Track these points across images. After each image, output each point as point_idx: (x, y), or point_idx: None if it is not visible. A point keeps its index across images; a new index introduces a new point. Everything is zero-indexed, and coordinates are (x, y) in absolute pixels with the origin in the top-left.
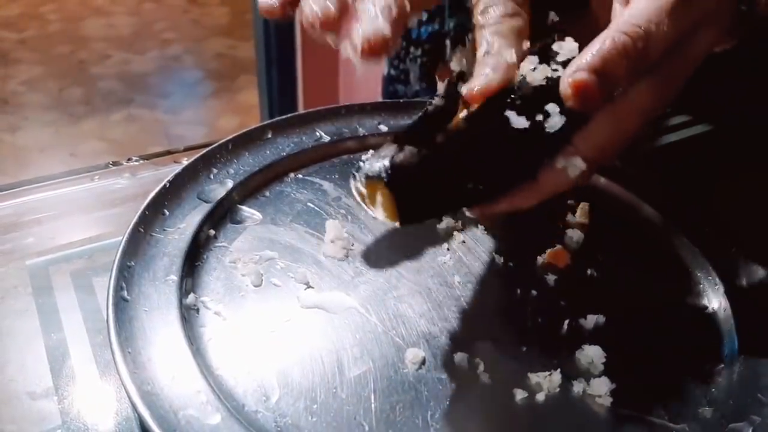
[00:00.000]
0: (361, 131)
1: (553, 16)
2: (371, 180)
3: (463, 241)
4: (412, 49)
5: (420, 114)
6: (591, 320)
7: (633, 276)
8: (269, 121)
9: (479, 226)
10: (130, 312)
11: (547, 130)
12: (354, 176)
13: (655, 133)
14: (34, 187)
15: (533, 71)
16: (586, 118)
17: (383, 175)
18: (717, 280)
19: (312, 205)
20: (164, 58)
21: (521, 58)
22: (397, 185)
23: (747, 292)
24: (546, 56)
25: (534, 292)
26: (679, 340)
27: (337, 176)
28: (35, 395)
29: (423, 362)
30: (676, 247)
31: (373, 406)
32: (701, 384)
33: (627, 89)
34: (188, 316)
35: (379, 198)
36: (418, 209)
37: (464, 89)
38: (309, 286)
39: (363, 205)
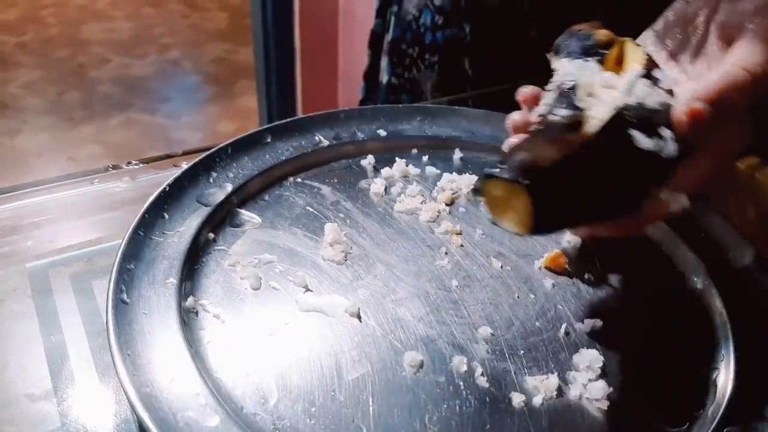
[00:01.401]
0: (360, 136)
1: None
2: (512, 184)
3: (461, 245)
4: (427, 56)
5: (541, 124)
6: (588, 324)
7: (630, 280)
8: (268, 126)
9: (477, 229)
10: (129, 315)
11: (663, 155)
12: (487, 176)
13: None
14: (34, 191)
15: (648, 95)
16: (688, 154)
17: (526, 180)
18: (713, 284)
19: (311, 209)
20: (163, 62)
21: None
22: (537, 191)
23: (744, 296)
24: (651, 81)
25: (532, 296)
26: (675, 344)
27: (335, 180)
28: (34, 397)
29: (421, 365)
30: (673, 252)
31: (371, 409)
32: (698, 387)
33: (728, 127)
34: (187, 319)
35: (513, 204)
36: (551, 218)
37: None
38: (308, 290)
39: (488, 210)
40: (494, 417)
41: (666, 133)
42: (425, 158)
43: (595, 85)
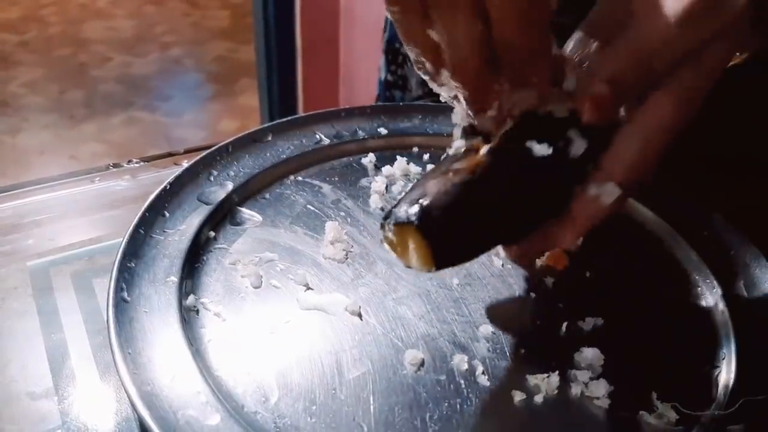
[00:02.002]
0: (361, 134)
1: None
2: (400, 226)
3: None
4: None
5: (444, 155)
6: (589, 322)
7: (631, 279)
8: (269, 124)
9: None
10: (130, 313)
11: (571, 156)
12: (383, 225)
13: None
14: (35, 189)
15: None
16: (609, 141)
17: (413, 219)
18: (715, 282)
19: (312, 207)
20: (165, 60)
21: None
22: (428, 229)
23: (745, 295)
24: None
25: (533, 295)
26: (677, 343)
27: (336, 179)
28: (35, 395)
29: (422, 364)
30: (674, 250)
31: (372, 407)
32: (699, 386)
33: (648, 104)
34: (188, 317)
35: (411, 245)
36: (452, 251)
37: None
38: (308, 288)
39: (394, 254)
40: (495, 415)
41: (573, 133)
42: (426, 156)
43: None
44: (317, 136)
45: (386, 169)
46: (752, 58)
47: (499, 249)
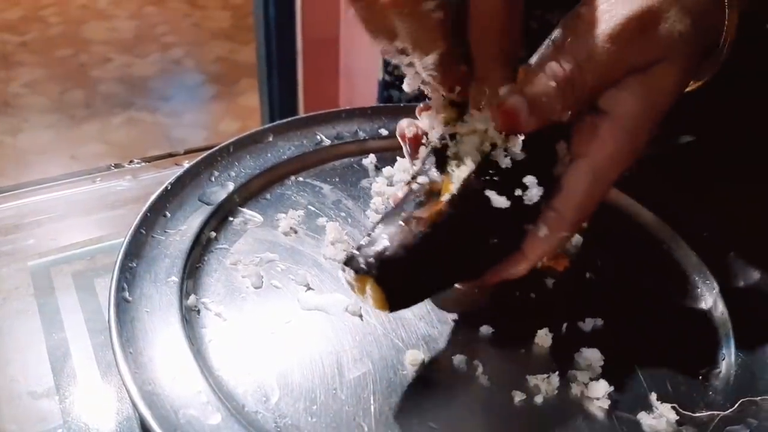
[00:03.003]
0: (362, 135)
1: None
2: (360, 276)
3: None
4: None
5: (405, 194)
6: (589, 323)
7: (631, 279)
8: (270, 125)
9: None
10: (131, 313)
11: (525, 202)
12: (344, 268)
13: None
14: (37, 189)
15: (515, 146)
16: (560, 178)
17: (373, 272)
18: (714, 283)
19: (312, 208)
20: (165, 61)
21: None
22: (386, 281)
23: (744, 296)
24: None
25: (533, 295)
26: (676, 344)
27: (337, 179)
28: (36, 395)
29: (422, 364)
30: (673, 251)
31: (372, 407)
32: (699, 387)
33: (595, 139)
34: (189, 317)
35: (368, 290)
36: (407, 298)
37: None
38: (309, 288)
39: (353, 292)
40: (495, 415)
41: (529, 180)
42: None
43: (464, 140)
44: (318, 137)
45: (387, 170)
46: (706, 85)
47: None
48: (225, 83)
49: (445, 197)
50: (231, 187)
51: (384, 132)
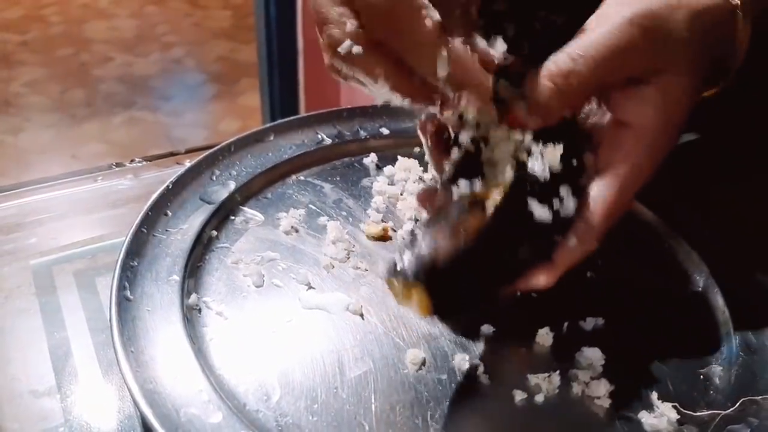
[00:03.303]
0: (363, 134)
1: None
2: (410, 282)
3: None
4: None
5: (444, 198)
6: (590, 322)
7: (632, 279)
8: (271, 124)
9: None
10: (132, 311)
11: (562, 214)
12: (391, 275)
13: None
14: (38, 188)
15: (552, 158)
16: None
17: (423, 278)
18: (715, 283)
19: (313, 207)
20: (166, 60)
21: None
22: (435, 288)
23: (745, 295)
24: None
25: (534, 295)
26: (677, 343)
27: (338, 178)
28: (38, 393)
29: (423, 363)
30: (674, 250)
31: (373, 406)
32: (699, 386)
33: (619, 151)
34: (190, 316)
35: (414, 296)
36: (453, 305)
37: None
38: (310, 287)
39: (396, 299)
40: (496, 414)
41: (565, 190)
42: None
43: (501, 151)
44: (319, 136)
45: (388, 169)
46: (722, 92)
47: None
48: (226, 83)
49: (489, 207)
50: (232, 186)
51: (385, 131)
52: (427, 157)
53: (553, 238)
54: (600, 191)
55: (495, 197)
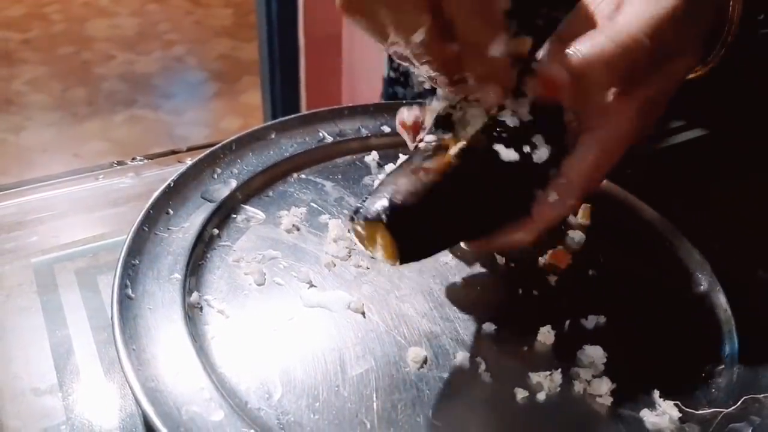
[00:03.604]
0: (364, 132)
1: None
2: (370, 222)
3: None
4: None
5: (410, 153)
6: (592, 320)
7: (634, 277)
8: (273, 122)
9: None
10: (134, 310)
11: (535, 161)
12: (352, 218)
13: (656, 136)
14: (39, 186)
15: (519, 106)
16: (570, 148)
17: (383, 217)
18: (717, 281)
19: (315, 205)
20: (168, 59)
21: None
22: (396, 227)
23: (747, 293)
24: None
25: (535, 293)
26: (679, 341)
27: (339, 176)
28: (39, 391)
29: (425, 361)
30: (676, 249)
31: (375, 404)
32: (701, 384)
33: (608, 113)
34: (192, 314)
35: (378, 240)
36: (418, 248)
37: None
38: (312, 285)
39: (361, 246)
40: (498, 413)
41: (538, 139)
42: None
43: (472, 109)
44: (320, 134)
45: (389, 167)
46: (709, 73)
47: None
48: (227, 81)
49: (454, 150)
50: (233, 184)
51: (386, 129)
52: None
53: (531, 191)
54: (584, 149)
55: (461, 143)
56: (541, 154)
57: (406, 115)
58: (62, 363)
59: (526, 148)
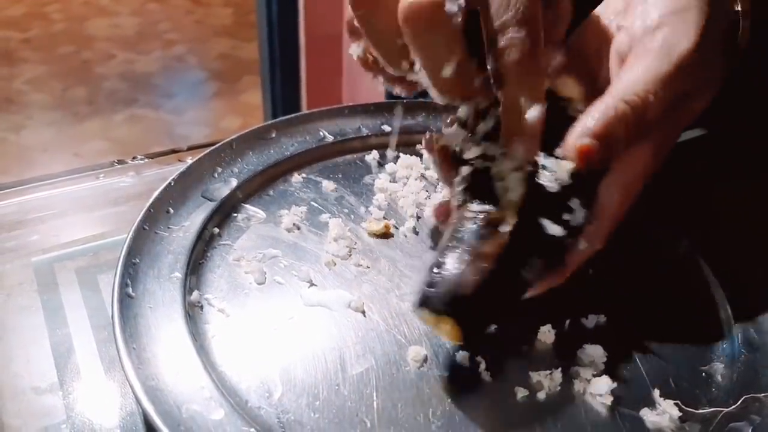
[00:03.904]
0: (365, 131)
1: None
2: (436, 313)
3: None
4: None
5: (459, 218)
6: (592, 319)
7: (634, 276)
8: (273, 121)
9: None
10: (134, 309)
11: (572, 224)
12: (419, 305)
13: None
14: (40, 185)
15: (556, 170)
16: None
17: (450, 310)
18: (717, 280)
19: (315, 204)
20: (168, 58)
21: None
22: (463, 318)
23: (748, 292)
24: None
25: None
26: (679, 340)
27: (340, 176)
28: (40, 390)
29: (425, 360)
30: (676, 247)
31: (375, 403)
32: (701, 383)
33: (627, 155)
34: (192, 313)
35: (444, 326)
36: (481, 329)
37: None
38: (312, 284)
39: (425, 324)
40: (498, 412)
41: (575, 203)
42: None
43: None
44: (321, 134)
45: (390, 167)
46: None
47: None
48: (227, 80)
49: (505, 228)
50: (234, 183)
51: (387, 128)
52: (435, 173)
53: (564, 243)
54: (607, 195)
55: (509, 220)
56: (578, 217)
57: (432, 139)
58: (63, 362)
59: (566, 215)
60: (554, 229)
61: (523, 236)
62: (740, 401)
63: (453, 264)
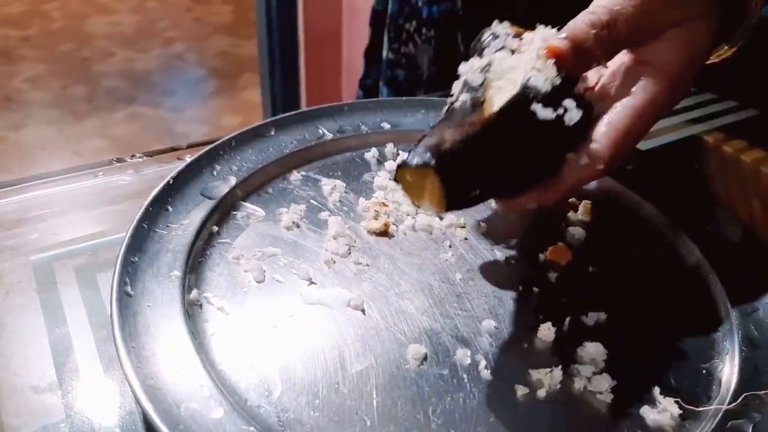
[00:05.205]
0: (364, 128)
1: None
2: (420, 168)
3: (465, 239)
4: (424, 30)
5: (447, 109)
6: (592, 317)
7: (634, 273)
8: (272, 119)
9: (481, 224)
10: (133, 307)
11: (566, 123)
12: (400, 167)
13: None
14: (39, 183)
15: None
16: (601, 114)
17: (432, 162)
18: (717, 277)
19: (314, 202)
20: (167, 56)
21: None
22: (445, 171)
23: (748, 290)
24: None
25: (536, 289)
26: (679, 337)
27: (339, 173)
28: (39, 389)
29: (424, 358)
30: (676, 245)
31: (374, 401)
32: (702, 381)
33: (641, 83)
34: (191, 311)
35: (426, 186)
36: (461, 196)
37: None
38: (311, 283)
39: (407, 195)
40: (498, 409)
41: (569, 103)
42: None
43: (503, 70)
44: (320, 131)
45: (389, 164)
46: (738, 54)
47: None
48: (227, 78)
49: (494, 108)
50: (233, 181)
51: (386, 126)
52: None
53: (563, 154)
54: (616, 116)
55: (500, 98)
56: (572, 116)
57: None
58: (62, 360)
59: (559, 110)
60: (544, 112)
61: (514, 120)
62: (740, 399)
63: (436, 130)
